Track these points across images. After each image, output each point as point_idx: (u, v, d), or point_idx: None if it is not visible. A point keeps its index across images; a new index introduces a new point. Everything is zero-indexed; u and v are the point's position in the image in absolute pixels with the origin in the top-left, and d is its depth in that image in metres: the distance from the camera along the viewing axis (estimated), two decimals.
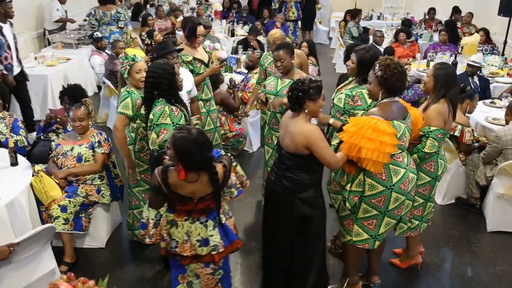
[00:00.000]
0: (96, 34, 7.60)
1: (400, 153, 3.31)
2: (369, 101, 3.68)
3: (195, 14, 11.70)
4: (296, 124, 3.22)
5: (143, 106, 3.82)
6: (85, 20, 9.47)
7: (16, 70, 6.27)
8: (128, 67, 3.98)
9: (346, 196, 3.44)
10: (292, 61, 4.42)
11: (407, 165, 3.35)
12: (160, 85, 3.58)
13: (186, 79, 4.44)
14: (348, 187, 3.44)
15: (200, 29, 4.96)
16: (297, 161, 3.26)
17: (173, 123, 3.50)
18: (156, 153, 3.47)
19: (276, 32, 5.38)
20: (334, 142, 3.80)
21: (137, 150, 4.10)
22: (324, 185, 3.58)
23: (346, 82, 4.07)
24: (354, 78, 3.93)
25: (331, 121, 3.55)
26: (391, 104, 3.27)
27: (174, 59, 4.29)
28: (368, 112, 3.32)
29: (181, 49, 4.79)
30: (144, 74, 3.93)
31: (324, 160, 3.20)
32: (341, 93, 3.84)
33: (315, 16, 13.65)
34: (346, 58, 4.19)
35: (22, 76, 6.44)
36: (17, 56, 6.32)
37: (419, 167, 3.71)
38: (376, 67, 3.25)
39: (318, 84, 3.21)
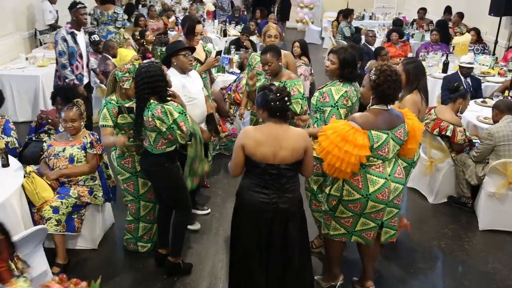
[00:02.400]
0: (94, 38, 7.55)
1: (381, 163, 3.30)
2: (336, 97, 3.73)
3: (188, 14, 11.68)
4: (289, 131, 3.16)
5: (119, 115, 3.85)
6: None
7: (85, 80, 6.16)
8: (131, 79, 3.87)
9: (325, 199, 3.55)
10: (280, 64, 4.43)
11: (389, 175, 3.33)
12: (157, 83, 3.60)
13: (198, 78, 4.56)
14: (327, 190, 3.52)
15: (199, 27, 4.96)
16: (296, 169, 3.22)
17: (180, 113, 3.58)
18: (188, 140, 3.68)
19: (274, 26, 5.33)
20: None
21: (118, 156, 4.04)
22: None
23: (327, 83, 4.00)
24: (336, 81, 3.88)
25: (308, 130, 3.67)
26: (377, 113, 3.26)
27: (188, 57, 4.27)
28: (350, 117, 3.34)
29: (194, 48, 4.75)
30: None
31: (310, 164, 3.24)
32: (316, 92, 3.94)
33: (290, 7, 15.06)
34: None
35: (88, 88, 6.28)
36: (87, 66, 6.23)
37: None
38: (372, 71, 3.26)
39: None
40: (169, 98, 3.68)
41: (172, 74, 4.14)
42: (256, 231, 3.24)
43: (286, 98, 3.10)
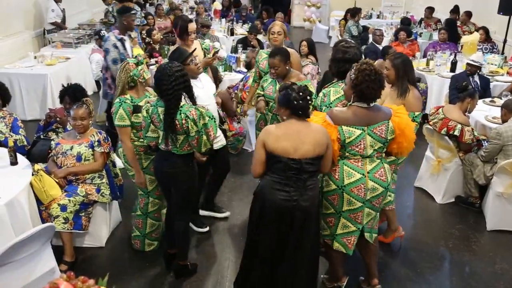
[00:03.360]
0: (103, 33, 7.56)
1: (360, 158, 3.31)
2: (332, 98, 3.79)
3: (194, 13, 11.70)
4: (311, 126, 3.20)
5: (133, 115, 3.86)
6: (101, 19, 9.50)
7: None
8: (146, 69, 3.93)
9: None
10: (287, 67, 4.43)
11: (368, 172, 3.32)
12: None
13: (210, 82, 4.53)
14: None
15: (191, 26, 4.94)
16: (317, 165, 3.23)
17: (210, 117, 3.56)
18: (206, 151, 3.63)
19: (279, 23, 5.32)
20: None
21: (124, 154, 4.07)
22: None
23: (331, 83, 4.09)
24: (339, 81, 3.96)
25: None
26: (354, 110, 3.27)
27: (194, 62, 4.25)
28: (330, 110, 3.39)
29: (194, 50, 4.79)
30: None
31: (330, 159, 3.26)
32: (322, 92, 3.97)
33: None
34: None
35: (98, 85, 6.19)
36: None
37: None
38: (352, 70, 3.27)
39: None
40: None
41: None
42: (276, 231, 3.26)
43: (308, 97, 3.16)
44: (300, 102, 3.13)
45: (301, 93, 3.14)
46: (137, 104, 3.91)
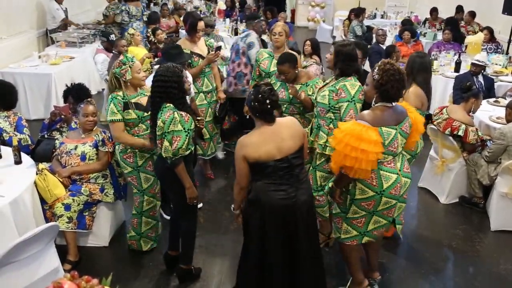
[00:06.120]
0: (112, 37, 7.57)
1: (392, 158, 3.30)
2: (352, 92, 3.76)
3: (198, 12, 11.69)
4: (281, 122, 3.23)
5: (124, 111, 3.84)
6: (106, 16, 9.56)
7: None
8: (130, 68, 3.87)
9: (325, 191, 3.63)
10: (296, 71, 4.40)
11: (400, 170, 3.33)
12: (170, 89, 3.49)
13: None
14: (330, 185, 3.58)
15: (201, 24, 4.99)
16: (302, 155, 3.26)
17: (184, 129, 3.45)
18: (170, 161, 3.47)
19: (280, 24, 5.32)
20: (321, 141, 3.88)
21: (120, 151, 4.03)
22: None
23: (326, 81, 4.10)
24: (332, 77, 3.99)
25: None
26: (383, 110, 3.25)
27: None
28: (359, 115, 3.31)
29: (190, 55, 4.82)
30: (143, 73, 3.98)
31: (307, 145, 3.37)
32: (324, 91, 3.91)
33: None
34: None
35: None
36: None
37: None
38: (375, 70, 3.25)
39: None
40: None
41: None
42: (281, 232, 3.22)
43: (268, 101, 3.09)
44: (256, 104, 3.11)
45: (260, 96, 3.09)
46: (128, 101, 3.89)
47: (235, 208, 3.48)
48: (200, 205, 4.97)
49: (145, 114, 3.89)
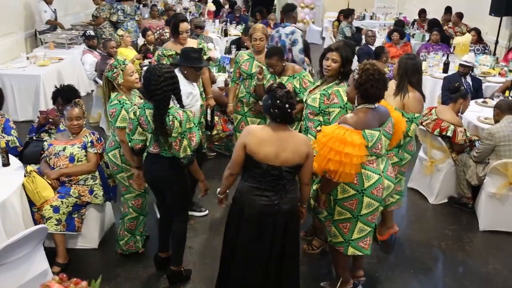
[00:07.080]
0: (89, 32, 7.55)
1: (375, 159, 3.30)
2: (345, 98, 3.69)
3: (188, 14, 11.68)
4: (293, 135, 3.17)
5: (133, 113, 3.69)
6: (105, 17, 9.56)
7: None
8: (121, 72, 3.83)
9: (311, 195, 3.57)
10: (284, 64, 4.61)
11: (382, 172, 3.33)
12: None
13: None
14: (315, 187, 3.58)
15: (183, 25, 4.97)
16: (296, 173, 3.21)
17: (195, 124, 3.51)
18: (187, 160, 3.51)
19: (259, 28, 5.30)
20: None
21: (123, 154, 3.97)
22: None
23: (317, 84, 4.02)
24: (325, 79, 3.90)
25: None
26: (366, 112, 3.24)
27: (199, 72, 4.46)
28: (342, 119, 3.29)
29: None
30: (136, 75, 3.91)
31: (310, 169, 3.21)
32: (315, 94, 3.87)
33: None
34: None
35: None
36: None
37: (403, 148, 4.04)
38: (355, 70, 3.25)
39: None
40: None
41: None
42: (257, 236, 3.22)
43: (287, 105, 3.06)
44: (276, 110, 3.06)
45: (279, 101, 3.05)
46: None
47: (220, 192, 3.49)
48: (205, 212, 5.00)
49: None
